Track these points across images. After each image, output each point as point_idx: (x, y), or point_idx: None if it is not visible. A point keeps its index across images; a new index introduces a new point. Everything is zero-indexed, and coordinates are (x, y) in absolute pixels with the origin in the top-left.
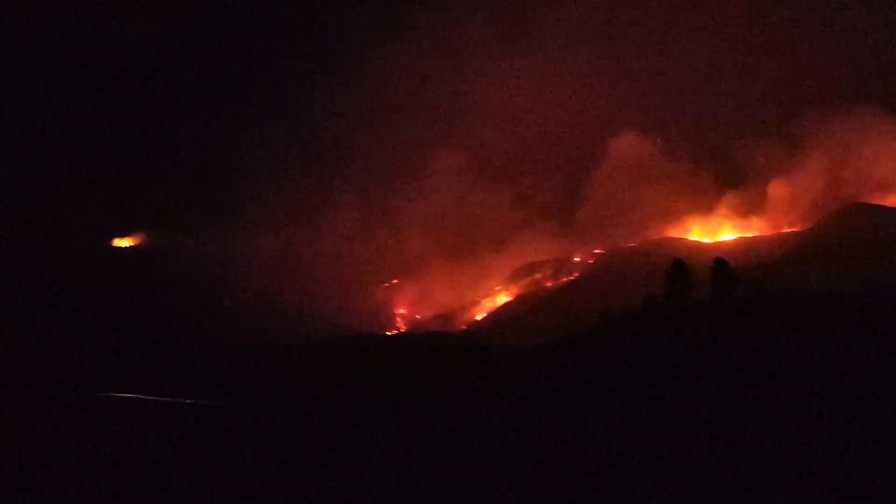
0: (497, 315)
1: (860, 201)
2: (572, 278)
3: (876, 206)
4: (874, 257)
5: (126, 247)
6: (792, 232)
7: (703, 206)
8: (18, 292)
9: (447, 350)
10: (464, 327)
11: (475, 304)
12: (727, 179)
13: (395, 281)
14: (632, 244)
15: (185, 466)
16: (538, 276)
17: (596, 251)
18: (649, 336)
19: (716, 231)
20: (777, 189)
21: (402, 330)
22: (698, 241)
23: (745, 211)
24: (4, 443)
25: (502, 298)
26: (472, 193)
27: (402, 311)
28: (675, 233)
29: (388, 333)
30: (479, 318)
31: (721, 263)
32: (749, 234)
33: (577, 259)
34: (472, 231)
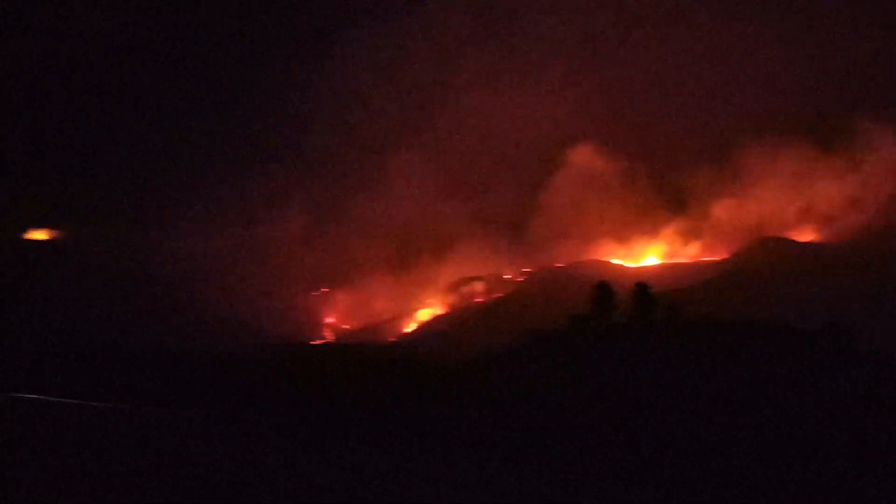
0: (427, 328)
1: (776, 235)
2: (502, 295)
3: (788, 239)
4: (783, 287)
5: (41, 240)
6: (711, 261)
7: (644, 229)
8: None
9: (369, 362)
10: (392, 339)
11: (407, 316)
12: (672, 204)
13: (323, 289)
14: (559, 264)
15: (88, 469)
16: (474, 289)
17: (524, 269)
18: (572, 353)
19: (644, 255)
20: (715, 216)
21: (327, 340)
22: (622, 265)
23: (684, 238)
24: None
25: (434, 311)
26: (423, 201)
27: (330, 320)
28: (608, 255)
29: (312, 343)
30: (408, 330)
31: (642, 287)
32: (672, 261)
33: (507, 276)
34: (416, 241)
